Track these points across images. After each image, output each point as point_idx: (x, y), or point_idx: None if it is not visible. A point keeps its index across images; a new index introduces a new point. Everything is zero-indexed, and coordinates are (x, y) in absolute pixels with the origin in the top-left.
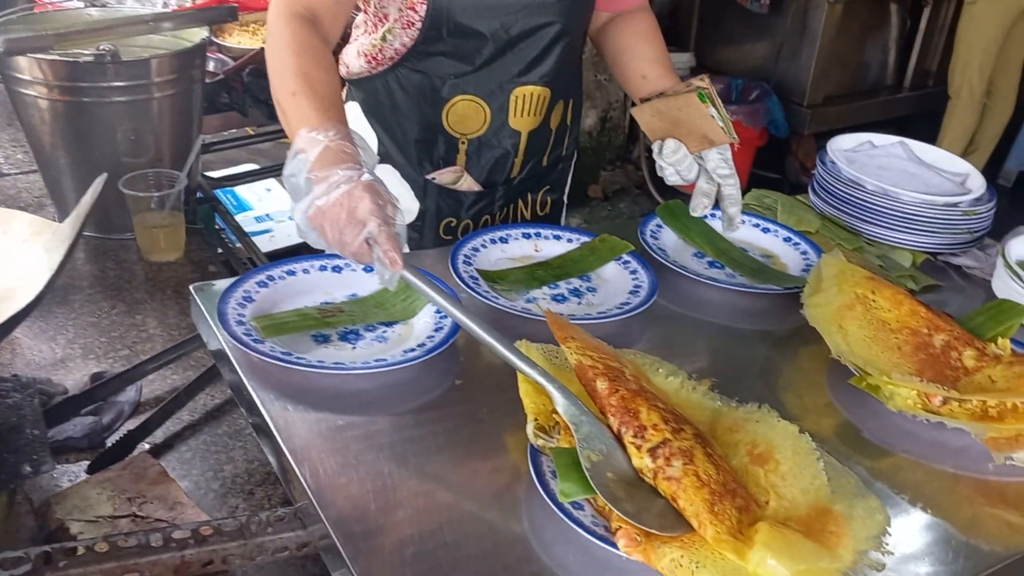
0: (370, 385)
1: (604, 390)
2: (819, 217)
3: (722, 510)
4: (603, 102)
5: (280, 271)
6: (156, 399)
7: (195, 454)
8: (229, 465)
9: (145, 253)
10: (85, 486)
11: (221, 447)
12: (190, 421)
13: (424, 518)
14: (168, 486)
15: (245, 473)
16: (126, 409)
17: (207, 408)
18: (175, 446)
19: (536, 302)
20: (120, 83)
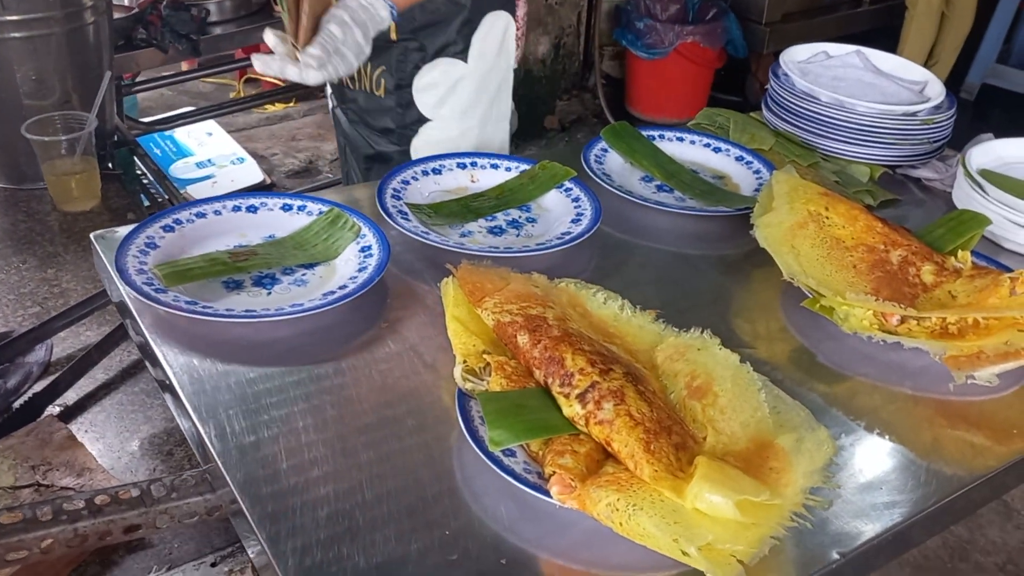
0: (287, 333)
1: (526, 344)
2: (773, 134)
3: (658, 448)
4: (555, 28)
5: (188, 213)
6: (68, 358)
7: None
8: (147, 425)
9: (58, 203)
10: None
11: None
12: (104, 380)
13: (342, 475)
14: (76, 451)
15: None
16: (34, 370)
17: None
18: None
19: (472, 235)
20: (13, 17)
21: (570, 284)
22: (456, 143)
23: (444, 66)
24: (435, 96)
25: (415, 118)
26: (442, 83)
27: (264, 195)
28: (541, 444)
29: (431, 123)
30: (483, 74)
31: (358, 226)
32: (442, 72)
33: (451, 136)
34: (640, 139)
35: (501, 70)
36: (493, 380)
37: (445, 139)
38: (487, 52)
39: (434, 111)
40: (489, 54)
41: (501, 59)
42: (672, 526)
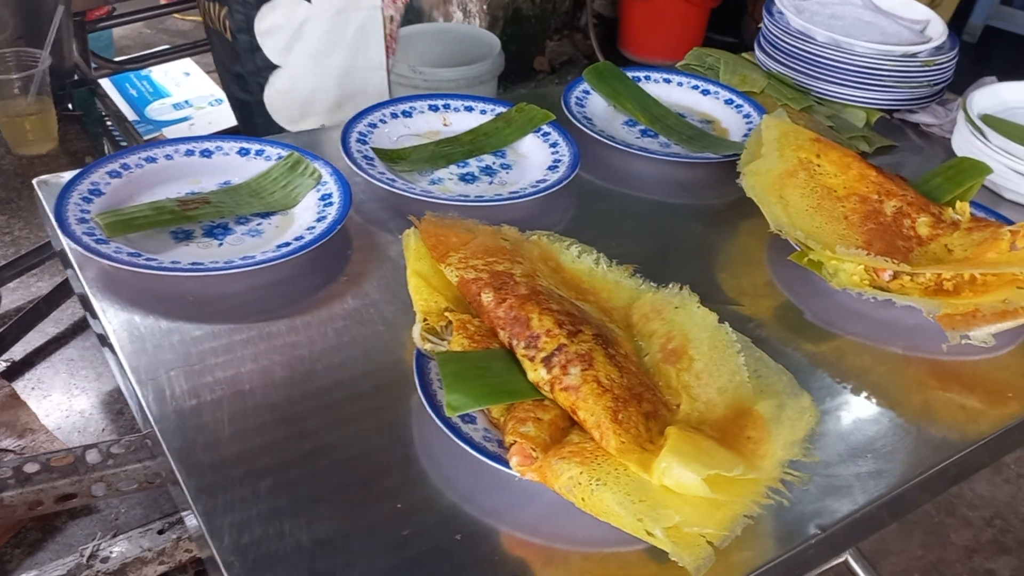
0: (238, 288)
1: (490, 303)
2: (765, 76)
3: (627, 417)
4: None
5: (137, 158)
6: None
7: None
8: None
9: (12, 146)
10: None
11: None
12: (55, 334)
13: (289, 443)
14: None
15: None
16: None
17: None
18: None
19: (442, 183)
20: None
21: (543, 237)
22: (313, 94)
23: (285, 7)
24: (281, 40)
25: (264, 64)
26: (286, 26)
27: (219, 138)
28: (503, 410)
29: (281, 70)
30: (332, 16)
31: (319, 172)
32: (283, 14)
33: (307, 87)
34: (624, 80)
35: (361, 11)
36: (454, 340)
37: (299, 89)
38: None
39: (282, 57)
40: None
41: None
42: (636, 504)
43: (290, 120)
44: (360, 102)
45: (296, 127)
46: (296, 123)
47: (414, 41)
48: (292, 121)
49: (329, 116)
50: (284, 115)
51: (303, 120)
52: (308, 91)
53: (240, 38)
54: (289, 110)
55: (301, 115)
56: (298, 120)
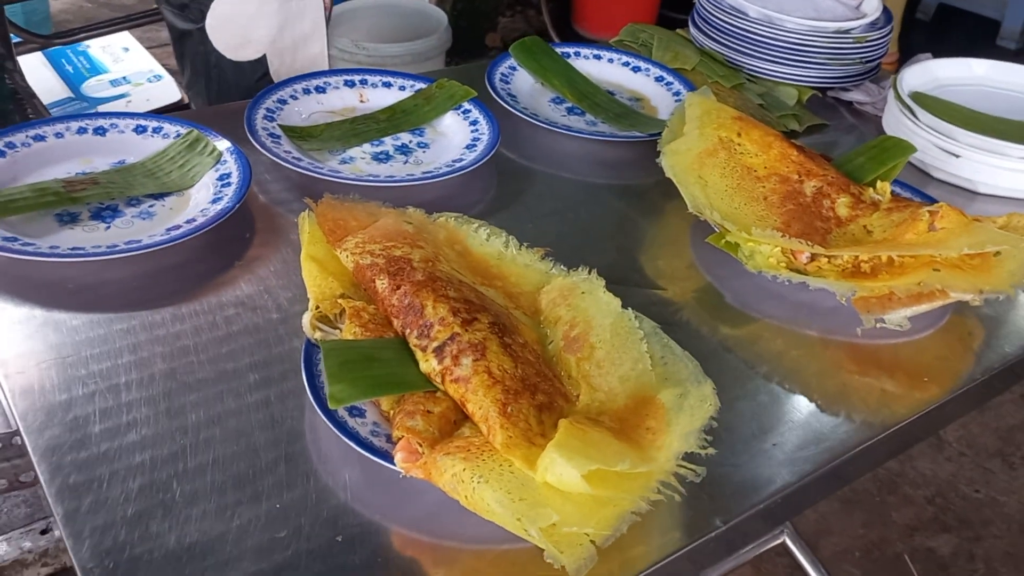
0: (122, 274)
1: (384, 289)
2: (698, 52)
3: (516, 410)
4: None
5: (24, 136)
6: None
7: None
8: None
9: None
10: None
11: None
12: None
13: (162, 440)
14: None
15: None
16: None
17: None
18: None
19: (353, 162)
20: None
21: (450, 219)
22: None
23: None
24: None
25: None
26: None
27: (115, 115)
28: (393, 403)
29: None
30: None
31: (218, 151)
32: None
33: (245, 11)
34: (553, 56)
35: None
36: (346, 328)
37: (238, 14)
38: None
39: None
40: None
41: None
42: (516, 503)
43: (231, 47)
44: (297, 31)
45: (237, 55)
46: (237, 51)
47: (359, 15)
48: (232, 48)
49: (270, 45)
50: (225, 42)
51: (243, 48)
52: (248, 16)
53: None
54: (232, 36)
55: (242, 42)
56: (239, 47)
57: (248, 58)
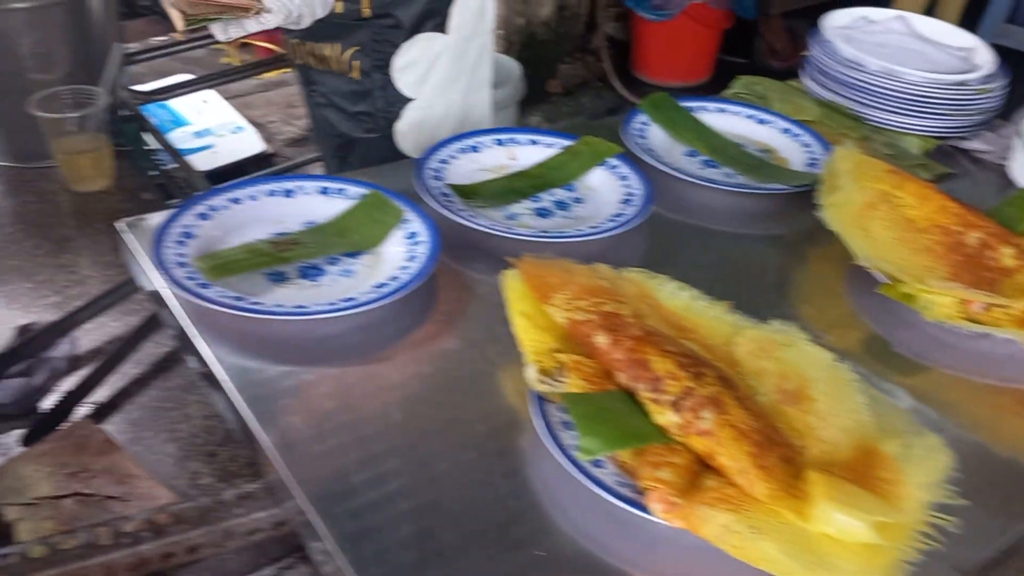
0: (338, 329)
1: (605, 345)
2: (817, 104)
3: (770, 463)
4: None
5: (223, 199)
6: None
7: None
8: (184, 424)
9: (69, 182)
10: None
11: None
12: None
13: (419, 489)
14: (116, 456)
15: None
16: (61, 366)
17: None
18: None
19: (519, 218)
20: None
21: (637, 274)
22: (441, 120)
23: (424, 42)
24: (416, 75)
25: (396, 99)
26: (422, 60)
27: (300, 178)
28: (631, 454)
29: (414, 103)
30: (463, 43)
31: (400, 211)
32: (422, 49)
33: (435, 114)
34: (681, 111)
35: (481, 35)
36: (571, 382)
37: (429, 117)
38: (467, 20)
39: (416, 90)
40: (469, 21)
41: (481, 24)
42: (803, 554)
43: (417, 148)
44: (471, 121)
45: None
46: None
47: None
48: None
49: None
50: (414, 146)
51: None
52: (437, 119)
53: (374, 76)
54: (419, 140)
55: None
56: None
57: None
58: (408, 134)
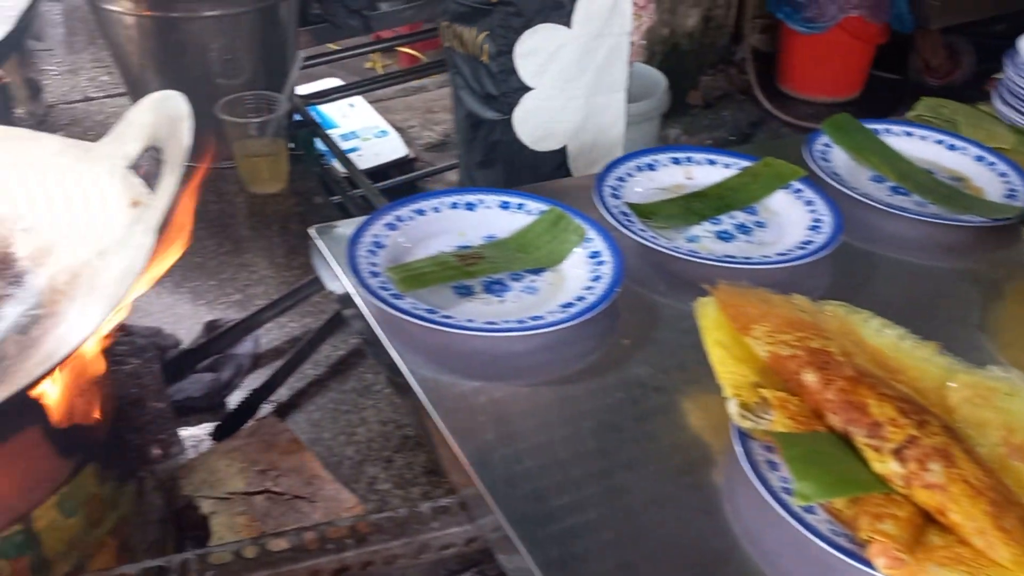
0: (523, 347)
1: (814, 384)
2: (1012, 131)
3: (1012, 526)
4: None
5: (408, 210)
6: (274, 351)
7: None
8: (362, 427)
9: (247, 184)
10: (212, 457)
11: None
12: (314, 376)
13: (618, 520)
14: (302, 456)
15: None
16: (245, 363)
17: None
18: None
19: (700, 240)
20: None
21: (838, 308)
22: (559, 114)
23: (546, 32)
24: (536, 63)
25: (517, 86)
26: (543, 49)
27: (481, 191)
28: (847, 502)
29: (532, 92)
30: (588, 40)
31: (582, 229)
32: (544, 38)
33: (553, 106)
34: (866, 133)
35: (612, 36)
36: (776, 419)
37: (547, 108)
38: (595, 16)
39: (535, 79)
40: (597, 18)
41: (612, 24)
42: None
43: (533, 139)
44: (599, 123)
45: (538, 146)
46: (539, 142)
47: None
48: (535, 139)
49: (570, 138)
50: (528, 133)
51: (545, 139)
52: (553, 111)
53: (500, 60)
54: (534, 129)
55: (545, 134)
56: (541, 139)
57: (549, 148)
58: (525, 121)
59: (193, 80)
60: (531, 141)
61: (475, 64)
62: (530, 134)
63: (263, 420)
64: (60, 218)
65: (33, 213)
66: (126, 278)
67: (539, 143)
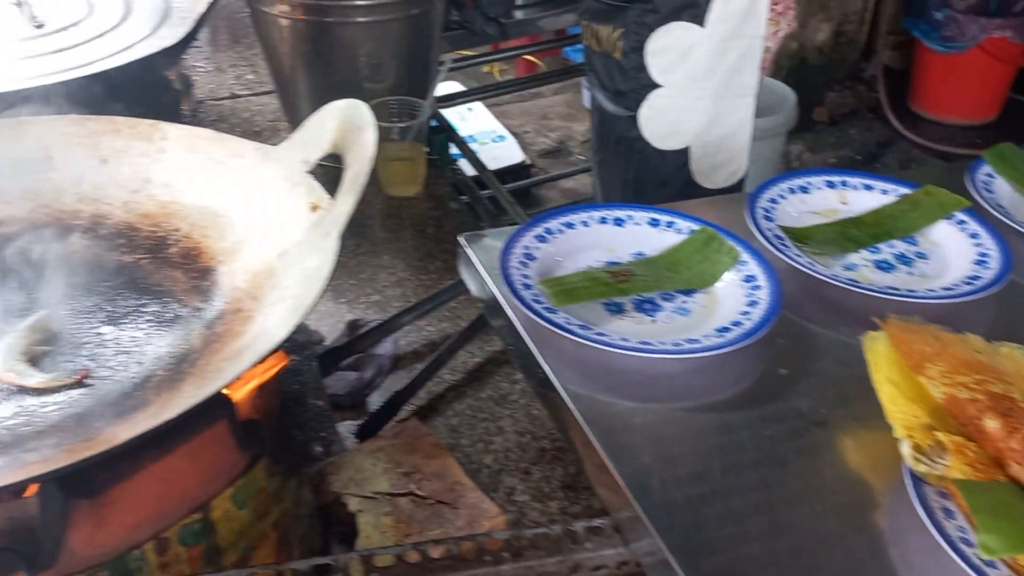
0: (678, 369)
1: (996, 431)
2: None
3: None
4: (838, 14)
5: (557, 223)
6: (413, 353)
7: (462, 421)
8: (499, 437)
9: (384, 186)
10: (358, 455)
11: (488, 414)
12: (452, 382)
13: (785, 558)
14: (444, 461)
15: (517, 447)
16: (386, 364)
17: (467, 367)
18: (439, 410)
19: (857, 269)
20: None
21: (1014, 350)
22: (685, 114)
23: (678, 30)
24: (666, 60)
25: (646, 82)
26: (674, 48)
27: (630, 207)
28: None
29: (661, 89)
30: (721, 41)
31: (736, 251)
32: (676, 36)
33: (679, 105)
34: None
35: (745, 38)
36: (953, 465)
37: (672, 107)
38: (729, 17)
39: (665, 76)
40: (731, 19)
41: (747, 26)
42: None
43: (658, 136)
44: (725, 126)
45: (662, 144)
46: (663, 140)
47: None
48: (660, 138)
49: (696, 138)
50: (653, 131)
51: (670, 138)
52: (680, 110)
53: (631, 57)
54: (660, 127)
55: (670, 133)
56: (666, 137)
57: (673, 148)
58: (651, 119)
59: (340, 83)
60: (655, 138)
61: (608, 61)
62: (655, 131)
63: (406, 422)
64: (244, 218)
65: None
66: (312, 281)
67: (663, 141)
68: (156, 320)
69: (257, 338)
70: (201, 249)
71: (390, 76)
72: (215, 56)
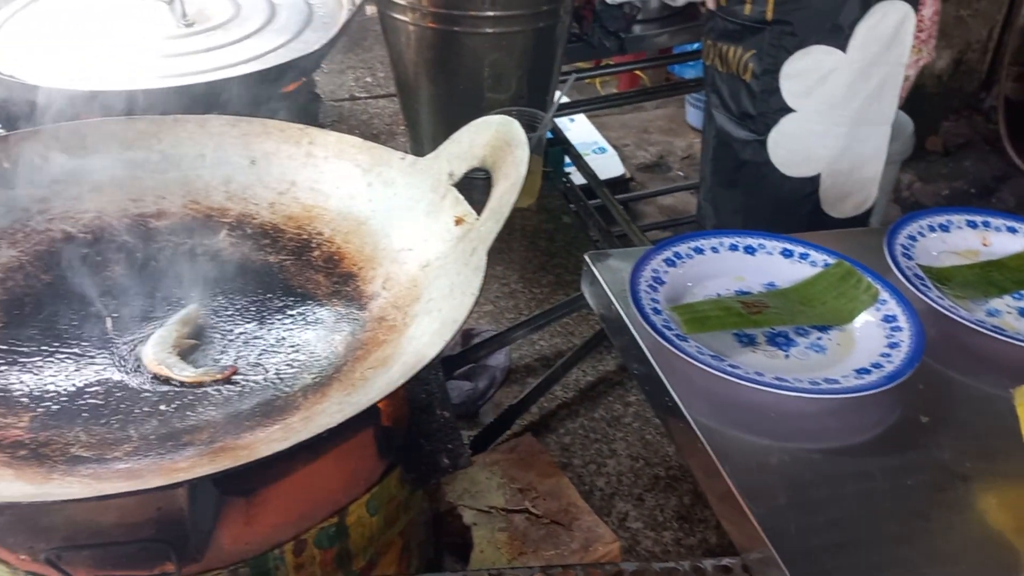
0: (814, 409)
1: None
2: None
3: None
4: (960, 41)
5: (687, 247)
6: (524, 367)
7: (574, 440)
8: (612, 460)
9: None
10: (473, 467)
11: (601, 435)
12: (564, 399)
13: None
14: (558, 480)
15: (631, 472)
16: (499, 376)
17: (580, 385)
18: (552, 427)
19: (1000, 316)
20: (491, 13)
21: None
22: (819, 141)
23: (818, 54)
24: (802, 85)
25: (778, 107)
26: (813, 72)
27: (762, 236)
28: None
29: (793, 114)
30: (863, 67)
31: (875, 289)
32: (815, 60)
33: (813, 131)
34: None
35: (888, 65)
36: None
37: (805, 134)
38: (873, 43)
39: (799, 101)
40: (875, 46)
41: (891, 53)
42: None
43: (788, 163)
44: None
45: (792, 171)
46: (793, 167)
47: None
48: (790, 164)
49: (827, 165)
50: (783, 157)
51: (801, 165)
52: (812, 136)
53: (762, 79)
54: (790, 153)
55: (801, 159)
56: (796, 164)
57: (802, 175)
58: (780, 144)
59: (463, 91)
60: (784, 165)
61: (734, 82)
62: (784, 158)
63: (521, 438)
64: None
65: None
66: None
67: (792, 168)
68: (301, 322)
69: (404, 350)
70: (343, 254)
71: (511, 87)
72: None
